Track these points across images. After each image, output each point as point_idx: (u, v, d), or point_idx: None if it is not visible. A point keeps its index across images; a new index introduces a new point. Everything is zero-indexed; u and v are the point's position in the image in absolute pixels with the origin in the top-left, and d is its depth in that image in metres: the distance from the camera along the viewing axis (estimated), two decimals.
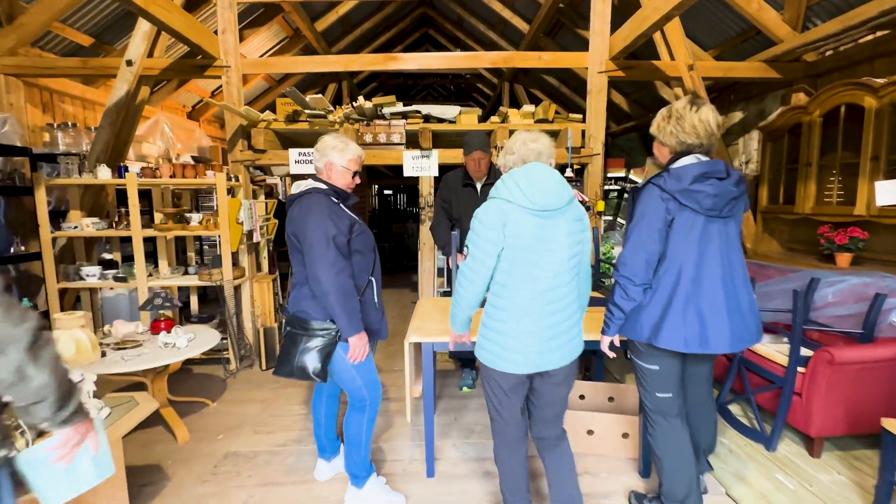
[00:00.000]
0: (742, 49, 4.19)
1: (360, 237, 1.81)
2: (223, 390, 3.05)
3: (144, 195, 4.16)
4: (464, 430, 2.48)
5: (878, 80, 2.60)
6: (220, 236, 3.22)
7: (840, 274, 2.58)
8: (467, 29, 7.41)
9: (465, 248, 1.43)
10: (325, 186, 1.76)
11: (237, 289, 3.46)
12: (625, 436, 2.19)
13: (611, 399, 2.54)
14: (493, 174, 2.77)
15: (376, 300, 1.89)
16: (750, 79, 3.70)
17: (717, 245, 1.52)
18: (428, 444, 2.02)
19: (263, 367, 3.39)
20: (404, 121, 3.58)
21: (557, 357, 1.43)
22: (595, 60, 3.54)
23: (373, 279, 1.86)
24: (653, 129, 1.65)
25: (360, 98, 3.44)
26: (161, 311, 2.61)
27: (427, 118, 3.67)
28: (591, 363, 3.08)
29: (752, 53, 4.01)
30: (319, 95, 3.29)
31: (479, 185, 2.78)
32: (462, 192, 2.79)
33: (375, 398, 1.87)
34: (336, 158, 1.77)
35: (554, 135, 3.78)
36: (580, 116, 3.72)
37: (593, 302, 2.30)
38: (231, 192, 3.51)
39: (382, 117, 3.59)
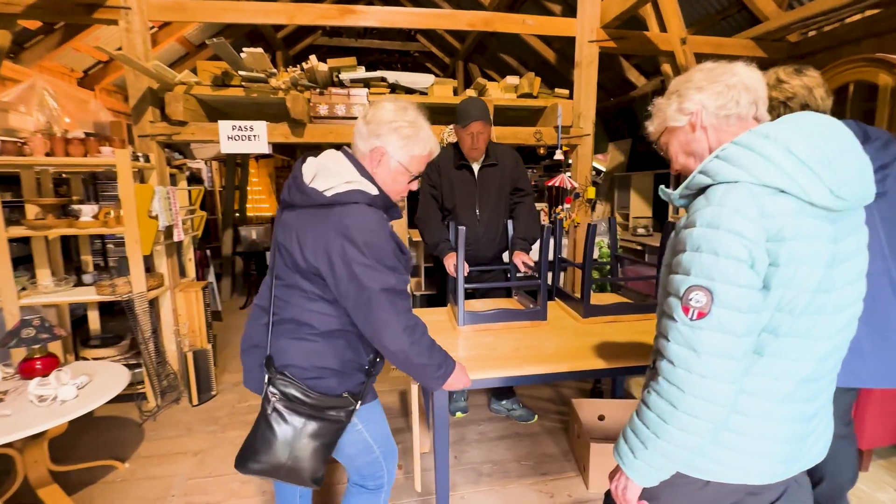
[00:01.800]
0: (721, 27, 4.02)
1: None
2: (139, 440, 2.29)
3: (12, 182, 3.15)
4: (470, 473, 1.99)
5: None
6: (126, 235, 2.41)
7: None
8: (418, 1, 6.77)
9: (689, 296, 0.73)
10: (375, 190, 1.11)
11: (153, 302, 2.66)
12: None
13: None
14: (493, 153, 2.25)
15: None
16: (736, 57, 3.50)
17: (878, 234, 1.13)
18: None
19: (195, 401, 2.65)
20: (366, 90, 2.96)
21: (817, 450, 0.87)
22: (585, 28, 3.14)
23: None
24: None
25: (313, 58, 2.75)
26: (35, 347, 1.82)
27: (393, 88, 3.08)
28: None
29: (731, 33, 3.84)
30: (259, 50, 2.57)
31: (476, 167, 2.24)
32: (455, 176, 2.24)
33: (393, 467, 1.33)
34: (395, 147, 1.12)
35: (539, 112, 3.36)
36: (566, 92, 3.32)
37: (623, 309, 1.90)
38: (140, 176, 2.69)
39: (340, 84, 2.94)
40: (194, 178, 5.00)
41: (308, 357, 1.11)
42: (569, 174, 3.16)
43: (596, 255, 3.35)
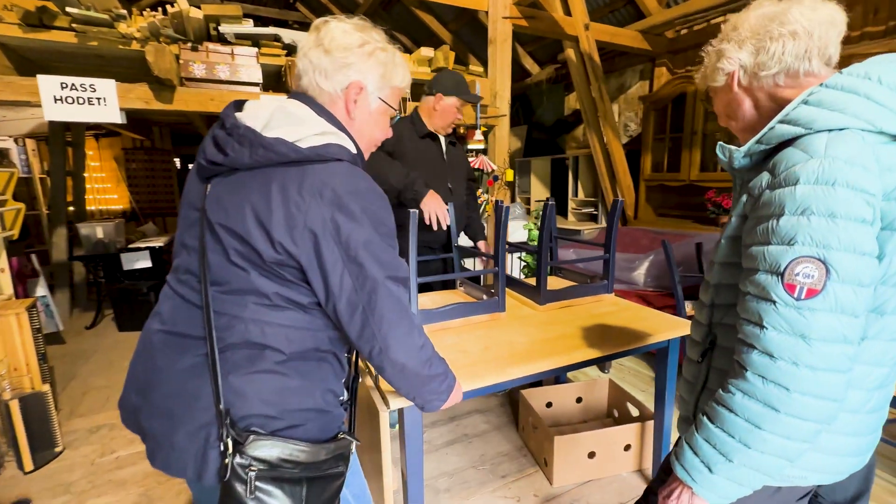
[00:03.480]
0: (609, 20, 4.27)
1: None
2: None
3: None
4: (427, 492, 1.74)
5: None
6: None
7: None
8: None
9: (795, 270, 0.59)
10: (353, 147, 0.81)
11: None
12: (627, 448, 1.82)
13: (579, 400, 2.17)
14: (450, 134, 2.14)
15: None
16: (627, 47, 3.76)
17: None
18: None
19: (28, 466, 1.91)
20: (256, 50, 2.43)
21: (879, 432, 0.77)
22: (498, 3, 3.01)
23: None
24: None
25: (181, 1, 2.13)
26: None
27: (290, 50, 2.59)
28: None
29: (618, 25, 4.11)
30: None
31: (443, 141, 2.08)
32: (420, 145, 2.00)
33: None
34: (374, 78, 0.82)
35: None
36: (481, 69, 3.19)
37: (576, 292, 1.82)
38: None
39: (222, 40, 2.36)
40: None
41: (277, 399, 0.74)
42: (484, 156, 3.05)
43: (525, 237, 3.32)
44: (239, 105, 0.80)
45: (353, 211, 0.72)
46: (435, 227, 1.82)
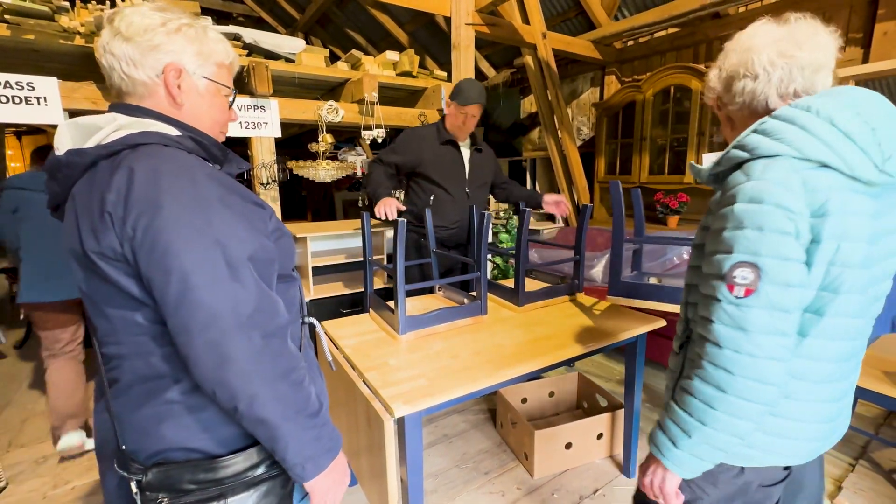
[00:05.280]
0: (561, 29, 4.46)
1: (281, 242, 0.82)
2: None
3: None
4: None
5: (702, 66, 3.04)
6: None
7: (682, 234, 2.98)
8: None
9: (734, 273, 0.71)
10: (175, 132, 0.73)
11: None
12: (599, 436, 1.94)
13: (551, 394, 2.28)
14: (477, 140, 2.25)
15: (317, 360, 0.96)
16: (580, 56, 3.95)
17: None
18: None
19: None
20: None
21: (844, 425, 0.87)
22: (461, 10, 3.07)
23: (312, 321, 0.93)
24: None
25: None
26: None
27: (251, 49, 2.50)
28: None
29: (569, 35, 4.31)
30: None
31: (465, 150, 2.20)
32: (441, 151, 2.15)
33: None
34: (190, 57, 0.75)
35: (419, 93, 3.19)
36: (444, 74, 3.23)
37: (552, 293, 1.92)
38: None
39: None
40: None
41: (186, 430, 0.70)
42: None
43: (490, 238, 3.41)
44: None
45: (152, 200, 0.63)
46: (381, 217, 1.93)
